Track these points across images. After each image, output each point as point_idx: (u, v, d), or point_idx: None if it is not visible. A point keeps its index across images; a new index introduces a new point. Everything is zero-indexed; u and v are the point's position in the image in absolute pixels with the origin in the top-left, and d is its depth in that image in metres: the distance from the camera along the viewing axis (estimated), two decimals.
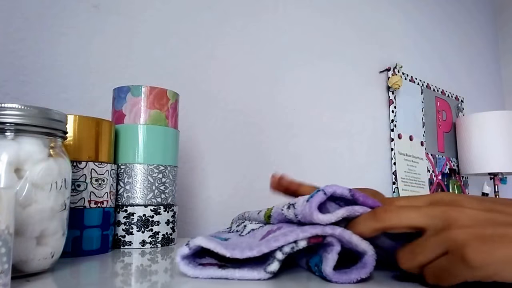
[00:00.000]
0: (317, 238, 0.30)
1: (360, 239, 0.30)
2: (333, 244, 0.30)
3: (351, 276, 0.29)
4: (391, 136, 1.34)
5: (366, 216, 0.30)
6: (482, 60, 1.95)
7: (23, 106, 0.32)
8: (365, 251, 0.30)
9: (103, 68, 0.71)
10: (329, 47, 1.18)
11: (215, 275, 0.31)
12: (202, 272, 0.31)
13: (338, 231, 0.30)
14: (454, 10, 1.80)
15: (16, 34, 0.63)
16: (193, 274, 0.31)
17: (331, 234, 0.30)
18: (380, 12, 1.38)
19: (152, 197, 0.51)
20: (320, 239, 0.30)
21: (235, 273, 0.30)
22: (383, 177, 1.30)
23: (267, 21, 1.02)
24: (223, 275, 0.31)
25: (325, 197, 0.31)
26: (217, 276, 0.31)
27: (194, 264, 0.32)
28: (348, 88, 1.22)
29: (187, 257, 0.32)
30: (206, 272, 0.31)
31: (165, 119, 0.54)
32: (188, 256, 0.32)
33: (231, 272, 0.30)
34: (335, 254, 0.30)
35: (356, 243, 0.30)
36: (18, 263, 0.31)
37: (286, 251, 0.30)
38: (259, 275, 0.30)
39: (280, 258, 0.30)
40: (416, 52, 1.52)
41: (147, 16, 0.79)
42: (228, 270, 0.31)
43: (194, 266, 0.32)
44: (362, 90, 1.27)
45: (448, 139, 1.62)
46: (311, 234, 0.30)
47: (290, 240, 0.30)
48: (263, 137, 0.96)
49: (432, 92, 1.56)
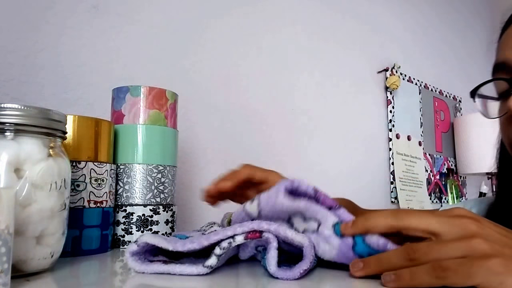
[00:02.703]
0: (254, 233, 0.32)
1: (295, 233, 0.31)
2: (270, 241, 0.31)
3: (295, 272, 0.30)
4: (389, 136, 1.34)
5: (386, 213, 0.31)
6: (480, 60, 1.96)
7: (23, 107, 0.32)
8: (302, 244, 0.31)
9: (102, 68, 0.72)
10: (327, 47, 1.18)
11: (158, 270, 0.32)
12: (148, 267, 0.32)
13: (273, 226, 0.32)
14: (452, 11, 1.80)
15: (16, 35, 0.63)
16: (139, 269, 0.32)
17: (267, 230, 0.31)
18: (378, 13, 1.39)
19: (151, 197, 0.51)
20: (257, 234, 0.32)
21: (175, 268, 0.32)
22: (381, 176, 1.30)
23: (267, 22, 1.02)
24: (165, 270, 0.32)
25: (292, 185, 0.33)
26: (159, 271, 0.32)
27: (143, 261, 0.33)
28: (346, 88, 1.22)
29: (137, 254, 0.33)
30: (151, 267, 0.32)
31: (164, 119, 0.54)
32: (138, 253, 0.33)
33: (172, 267, 0.32)
34: (274, 251, 0.31)
35: (292, 238, 0.31)
36: (18, 263, 0.31)
37: (224, 246, 0.31)
38: (197, 269, 0.32)
39: (218, 253, 0.31)
40: (414, 52, 1.53)
41: (146, 17, 0.79)
42: (170, 265, 0.32)
43: (141, 262, 0.33)
44: (361, 90, 1.27)
45: (446, 139, 1.62)
46: (249, 229, 0.31)
47: (228, 234, 0.31)
48: (261, 137, 0.96)
49: (430, 92, 1.56)
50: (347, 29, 1.25)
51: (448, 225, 0.28)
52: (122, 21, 0.75)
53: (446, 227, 0.28)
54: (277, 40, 1.04)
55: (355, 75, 1.26)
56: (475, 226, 0.28)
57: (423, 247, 0.28)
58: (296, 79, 1.07)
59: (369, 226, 0.31)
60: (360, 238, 0.31)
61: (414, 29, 1.55)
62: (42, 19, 0.66)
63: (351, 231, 0.31)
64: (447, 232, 0.28)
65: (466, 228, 0.28)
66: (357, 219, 0.32)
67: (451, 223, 0.28)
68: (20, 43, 0.63)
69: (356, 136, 1.23)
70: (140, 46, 0.77)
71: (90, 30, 0.71)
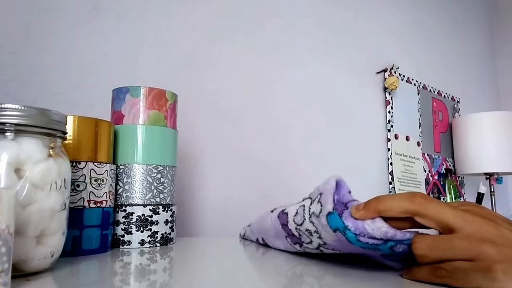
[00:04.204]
0: None
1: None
2: None
3: None
4: (388, 137, 1.34)
5: (402, 196, 0.30)
6: (478, 61, 1.97)
7: (23, 107, 0.32)
8: None
9: (102, 69, 0.72)
10: (326, 48, 1.18)
11: None
12: None
13: None
14: (451, 12, 1.81)
15: (16, 35, 0.63)
16: None
17: None
18: (377, 13, 1.39)
19: (151, 197, 0.51)
20: None
21: None
22: (379, 177, 1.30)
23: (266, 22, 1.02)
24: None
25: None
26: None
27: None
28: (345, 89, 1.22)
29: None
30: None
31: (163, 119, 0.54)
32: None
33: None
34: None
35: None
36: (18, 263, 0.31)
37: None
38: None
39: None
40: (413, 53, 1.53)
41: (146, 18, 0.79)
42: None
43: None
44: (359, 91, 1.28)
45: (444, 139, 1.62)
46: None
47: None
48: (260, 138, 0.96)
49: (428, 93, 1.57)
50: (346, 30, 1.26)
51: (464, 222, 0.28)
52: (122, 21, 0.75)
53: (461, 223, 0.28)
54: (277, 40, 1.04)
55: (353, 76, 1.26)
56: (490, 227, 0.27)
57: (428, 243, 0.28)
58: (295, 80, 1.07)
59: (382, 209, 0.30)
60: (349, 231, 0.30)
61: (413, 30, 1.55)
62: (42, 19, 0.66)
63: (362, 213, 0.30)
64: (461, 229, 0.28)
65: (480, 228, 0.27)
66: (369, 201, 0.31)
67: (467, 219, 0.28)
68: (20, 44, 0.63)
69: (355, 136, 1.23)
70: (140, 46, 0.77)
71: (90, 31, 0.71)
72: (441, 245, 0.28)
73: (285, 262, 0.40)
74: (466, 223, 0.28)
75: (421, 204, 0.29)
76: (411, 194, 0.30)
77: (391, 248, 0.30)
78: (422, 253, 0.28)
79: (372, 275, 0.33)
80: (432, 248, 0.28)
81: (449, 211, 0.28)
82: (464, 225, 0.28)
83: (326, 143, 1.13)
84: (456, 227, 0.28)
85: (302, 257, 0.42)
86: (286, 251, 0.47)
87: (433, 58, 1.64)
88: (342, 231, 0.31)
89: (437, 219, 0.28)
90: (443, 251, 0.27)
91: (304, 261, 0.40)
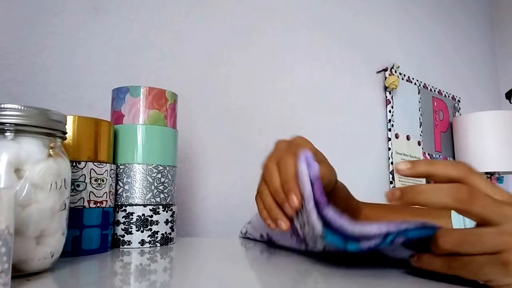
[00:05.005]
0: None
1: None
2: None
3: None
4: (388, 136, 1.34)
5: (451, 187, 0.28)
6: (479, 60, 1.96)
7: (23, 107, 0.32)
8: None
9: (102, 68, 0.72)
10: (326, 47, 1.18)
11: None
12: None
13: None
14: (451, 11, 1.81)
15: (16, 35, 0.63)
16: None
17: None
18: (377, 13, 1.39)
19: (151, 197, 0.51)
20: None
21: None
22: (380, 176, 1.30)
23: (266, 22, 1.02)
24: None
25: None
26: None
27: None
28: (345, 88, 1.22)
29: None
30: None
31: (163, 119, 0.54)
32: None
33: None
34: None
35: None
36: (18, 263, 0.31)
37: None
38: None
39: None
40: (413, 52, 1.53)
41: (145, 18, 0.79)
42: None
43: None
44: (360, 90, 1.27)
45: (445, 138, 1.62)
46: None
47: None
48: (261, 137, 0.96)
49: (429, 92, 1.57)
50: (346, 29, 1.25)
51: (504, 218, 0.27)
52: (122, 22, 0.75)
53: (501, 220, 0.27)
54: (276, 40, 1.04)
55: (354, 75, 1.26)
56: None
57: (455, 236, 0.28)
58: (296, 79, 1.07)
59: (424, 197, 0.28)
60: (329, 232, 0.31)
61: (413, 29, 1.55)
62: (42, 20, 0.66)
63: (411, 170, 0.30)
64: (499, 225, 0.27)
65: None
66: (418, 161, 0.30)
67: (510, 215, 0.27)
68: (20, 44, 0.63)
69: (355, 135, 1.23)
70: (140, 46, 0.77)
71: (90, 31, 0.71)
72: (471, 239, 0.27)
73: (286, 262, 0.40)
74: (508, 221, 0.27)
75: (471, 194, 0.27)
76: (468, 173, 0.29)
77: (392, 242, 0.30)
78: (450, 247, 0.28)
79: (378, 274, 0.33)
80: (460, 243, 0.27)
81: (493, 206, 0.27)
82: (503, 221, 0.27)
83: (326, 143, 1.13)
84: (495, 222, 0.27)
85: (305, 257, 0.42)
86: (288, 251, 0.47)
87: (434, 57, 1.64)
88: (343, 248, 0.31)
89: (481, 216, 0.27)
90: (473, 246, 0.27)
91: (307, 261, 0.40)
